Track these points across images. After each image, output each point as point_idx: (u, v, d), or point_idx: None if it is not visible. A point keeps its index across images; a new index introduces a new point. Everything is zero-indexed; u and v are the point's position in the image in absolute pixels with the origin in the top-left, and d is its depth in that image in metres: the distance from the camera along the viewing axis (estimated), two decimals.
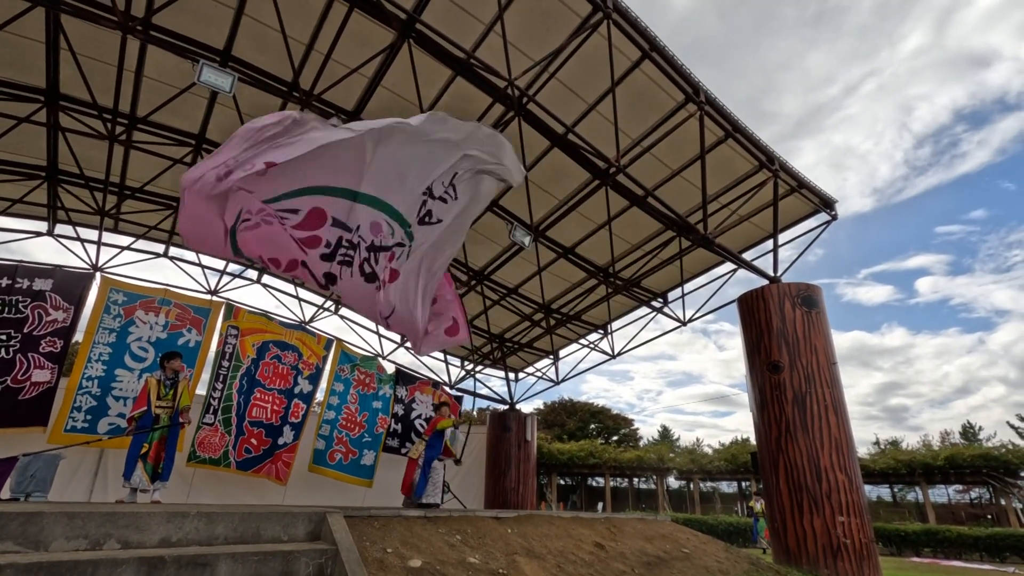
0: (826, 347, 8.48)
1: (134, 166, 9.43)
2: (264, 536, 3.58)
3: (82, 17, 5.71)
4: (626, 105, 8.04)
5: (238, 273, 12.70)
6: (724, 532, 17.25)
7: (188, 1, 6.38)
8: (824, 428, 7.91)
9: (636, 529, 6.29)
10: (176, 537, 3.26)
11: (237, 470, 9.39)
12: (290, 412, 10.08)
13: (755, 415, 8.72)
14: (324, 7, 6.87)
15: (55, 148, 8.94)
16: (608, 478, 24.54)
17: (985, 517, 19.74)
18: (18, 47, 7.08)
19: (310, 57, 7.40)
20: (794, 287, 8.79)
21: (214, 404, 9.35)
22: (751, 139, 8.76)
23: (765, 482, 8.40)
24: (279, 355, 10.24)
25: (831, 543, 7.36)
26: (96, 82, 7.48)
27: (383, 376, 12.04)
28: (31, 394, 7.73)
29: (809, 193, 9.81)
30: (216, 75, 5.71)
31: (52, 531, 2.92)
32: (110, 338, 8.63)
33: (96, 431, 8.08)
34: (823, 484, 7.63)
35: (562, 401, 35.63)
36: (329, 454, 10.72)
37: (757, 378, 8.67)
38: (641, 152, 8.99)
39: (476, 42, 7.32)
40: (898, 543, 16.57)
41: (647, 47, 7.39)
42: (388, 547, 3.76)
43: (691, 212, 9.88)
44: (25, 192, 9.53)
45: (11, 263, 8.08)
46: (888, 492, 23.58)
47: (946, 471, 19.40)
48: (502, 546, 4.44)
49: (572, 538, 5.22)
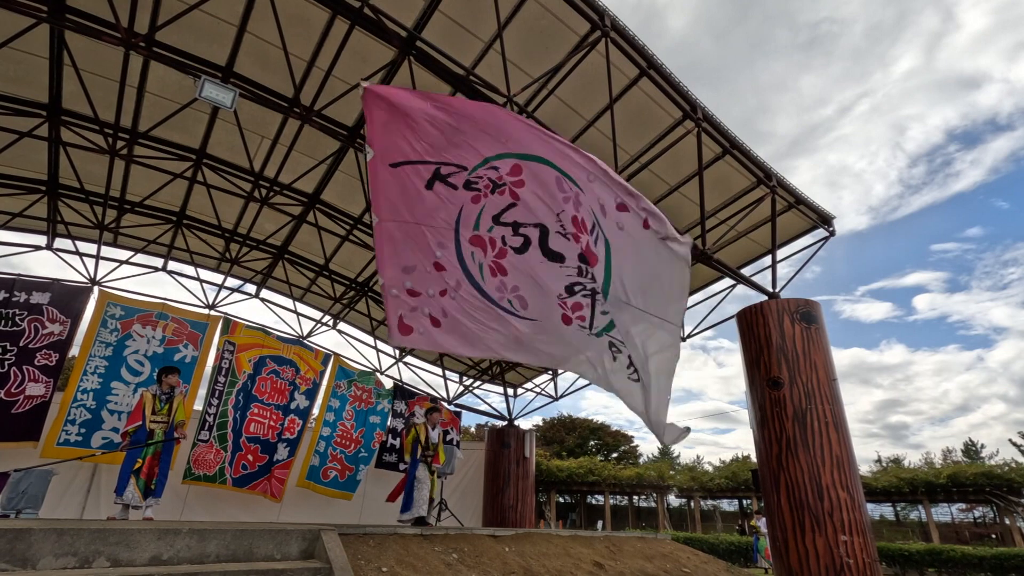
0: (826, 363, 8.43)
1: (134, 180, 9.47)
2: (257, 554, 3.52)
3: (86, 33, 5.77)
4: (624, 122, 8.11)
5: (237, 288, 12.68)
6: (725, 551, 17.00)
7: (191, 18, 6.45)
8: (825, 445, 7.84)
9: (636, 548, 6.20)
10: (167, 555, 3.20)
11: (233, 487, 9.28)
12: (285, 428, 9.99)
13: (755, 432, 8.64)
14: (325, 25, 6.96)
15: (56, 162, 8.98)
16: (608, 496, 24.26)
17: (989, 536, 19.51)
18: (22, 63, 7.15)
19: (311, 73, 7.47)
20: (793, 303, 8.77)
21: (209, 420, 9.27)
22: (748, 155, 8.81)
23: (766, 500, 8.30)
24: (276, 370, 10.18)
25: (834, 563, 7.24)
26: (98, 97, 7.54)
27: (381, 391, 11.97)
28: (24, 408, 7.66)
29: (807, 209, 9.85)
30: (218, 91, 5.75)
31: (41, 548, 2.87)
32: (107, 352, 8.59)
33: (90, 445, 8.01)
34: (825, 502, 7.54)
35: (561, 417, 35.42)
36: (323, 471, 10.61)
37: (757, 394, 8.61)
38: (639, 168, 9.04)
39: (476, 59, 7.40)
40: (902, 563, 16.34)
41: (645, 65, 7.47)
42: (383, 566, 3.69)
43: (689, 227, 9.91)
44: (25, 206, 9.55)
45: (9, 276, 8.07)
46: (891, 511, 23.36)
47: (949, 489, 19.19)
48: (499, 565, 4.37)
49: (571, 557, 5.14)
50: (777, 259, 9.75)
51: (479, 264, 4.73)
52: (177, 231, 10.93)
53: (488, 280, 4.79)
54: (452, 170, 4.33)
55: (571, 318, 4.87)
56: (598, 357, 4.95)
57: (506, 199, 4.46)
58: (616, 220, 4.32)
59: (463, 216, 4.53)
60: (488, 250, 4.69)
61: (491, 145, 4.27)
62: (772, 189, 9.16)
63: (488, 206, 4.50)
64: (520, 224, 4.58)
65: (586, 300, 4.77)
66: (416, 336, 4.91)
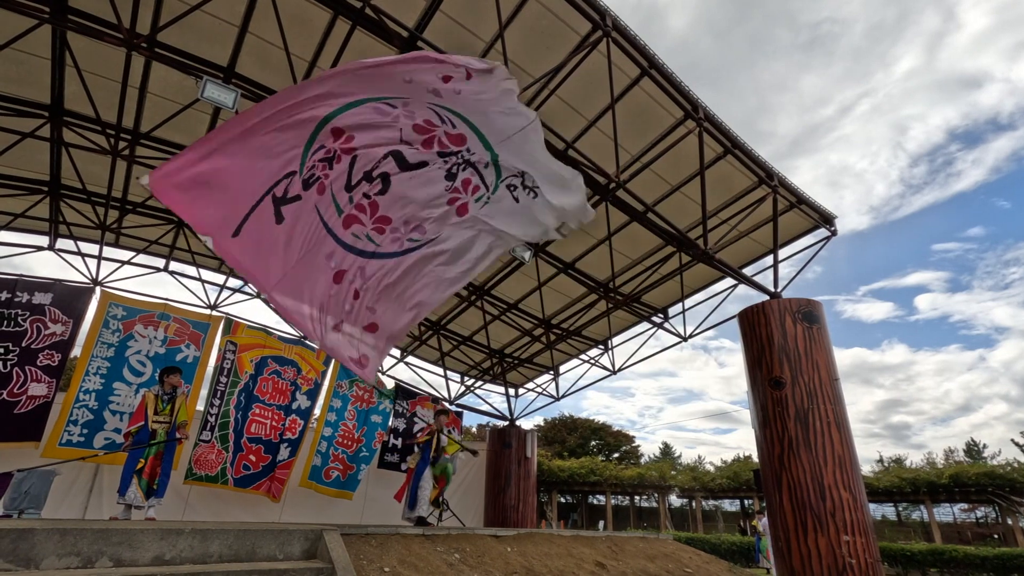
0: (828, 363, 8.42)
1: (136, 181, 9.49)
2: (259, 554, 3.52)
3: (88, 34, 5.78)
4: (626, 121, 8.10)
5: (238, 288, 12.69)
6: (727, 551, 16.99)
7: (193, 19, 6.46)
8: (827, 445, 7.83)
9: (638, 548, 6.19)
10: (170, 555, 3.21)
11: (235, 487, 9.29)
12: (287, 428, 10.00)
13: (757, 432, 8.64)
14: (327, 25, 6.96)
15: (58, 163, 9.00)
16: (609, 496, 24.25)
17: (991, 536, 19.47)
18: (25, 64, 7.16)
19: (313, 73, 7.47)
20: (795, 302, 8.76)
21: (211, 421, 9.27)
22: (750, 155, 8.80)
23: (768, 500, 8.29)
24: (278, 370, 10.18)
25: (836, 563, 7.23)
26: (100, 98, 7.55)
27: (383, 391, 11.97)
28: (27, 408, 7.67)
29: (808, 209, 9.84)
30: (219, 91, 5.76)
31: (44, 548, 2.87)
32: (108, 352, 8.59)
33: (92, 445, 8.01)
34: (827, 502, 7.53)
35: (562, 417, 35.41)
36: (325, 471, 10.61)
37: (759, 394, 8.60)
38: (641, 168, 9.04)
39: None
40: (904, 563, 16.31)
41: (646, 64, 7.46)
42: (385, 566, 3.69)
43: (691, 227, 9.91)
44: (27, 207, 9.57)
45: (11, 277, 8.08)
46: (892, 511, 23.33)
47: (951, 489, 19.16)
48: (501, 565, 4.37)
49: (573, 557, 5.14)
50: (779, 259, 9.75)
51: (366, 236, 4.56)
52: (179, 232, 10.95)
53: (382, 242, 4.64)
54: (284, 184, 3.96)
55: (467, 201, 4.74)
56: (513, 207, 4.82)
57: (344, 164, 4.22)
58: (453, 89, 3.98)
59: (323, 212, 4.29)
60: (363, 217, 4.51)
61: (299, 133, 3.89)
62: (774, 189, 9.15)
63: (335, 184, 4.26)
64: (371, 170, 4.36)
65: (470, 172, 4.63)
66: (375, 357, 4.81)
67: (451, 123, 4.33)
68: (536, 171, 4.59)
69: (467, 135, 4.41)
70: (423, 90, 3.98)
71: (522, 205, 4.78)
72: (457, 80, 3.88)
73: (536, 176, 4.62)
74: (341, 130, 4.05)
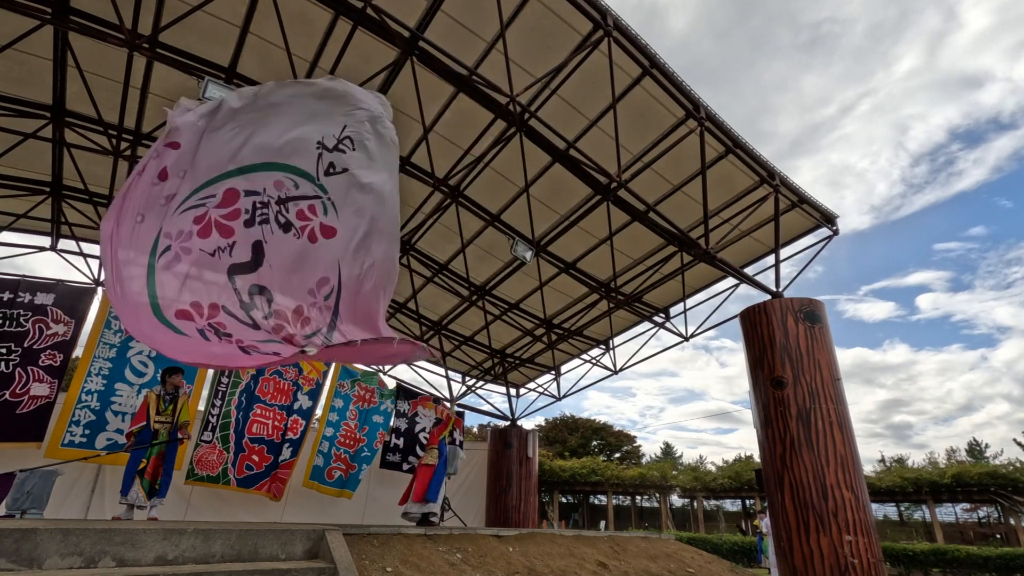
0: (830, 363, 8.41)
1: None
2: (262, 554, 3.52)
3: (89, 35, 5.80)
4: (627, 121, 8.10)
5: None
6: (729, 551, 16.97)
7: (194, 19, 6.47)
8: (829, 445, 7.82)
9: (640, 548, 6.19)
10: (172, 555, 3.21)
11: (237, 487, 9.29)
12: (288, 428, 10.00)
13: (759, 432, 8.62)
14: (328, 25, 6.96)
15: (60, 164, 9.01)
16: (611, 496, 24.24)
17: (994, 536, 19.42)
18: (26, 64, 7.17)
19: (314, 74, 7.48)
20: (797, 302, 8.74)
21: (212, 421, 9.28)
22: (751, 155, 8.79)
23: (770, 500, 8.28)
24: (279, 370, 10.18)
25: (838, 563, 7.22)
26: (102, 98, 7.56)
27: (384, 391, 11.97)
28: (29, 408, 7.68)
29: (810, 208, 9.82)
30: (221, 91, 5.76)
31: (47, 548, 2.87)
32: (111, 353, 8.59)
33: (94, 446, 8.02)
34: (829, 502, 7.52)
35: (564, 417, 35.38)
36: (327, 471, 10.61)
37: (760, 394, 8.59)
38: (642, 167, 9.04)
39: (478, 59, 7.40)
40: (906, 563, 16.28)
41: (647, 64, 7.46)
42: (387, 566, 3.70)
43: (692, 227, 9.90)
44: (29, 207, 9.58)
45: (13, 278, 8.09)
46: (895, 511, 23.26)
47: (953, 489, 19.13)
48: (504, 565, 4.36)
49: (575, 557, 5.13)
50: (780, 258, 9.74)
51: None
52: None
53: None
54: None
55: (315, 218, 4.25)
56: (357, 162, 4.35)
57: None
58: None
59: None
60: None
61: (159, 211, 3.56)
62: (775, 188, 9.15)
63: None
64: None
65: (295, 204, 4.20)
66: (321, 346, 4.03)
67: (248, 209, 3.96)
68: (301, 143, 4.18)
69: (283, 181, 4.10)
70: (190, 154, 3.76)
71: (351, 167, 4.29)
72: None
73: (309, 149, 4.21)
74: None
